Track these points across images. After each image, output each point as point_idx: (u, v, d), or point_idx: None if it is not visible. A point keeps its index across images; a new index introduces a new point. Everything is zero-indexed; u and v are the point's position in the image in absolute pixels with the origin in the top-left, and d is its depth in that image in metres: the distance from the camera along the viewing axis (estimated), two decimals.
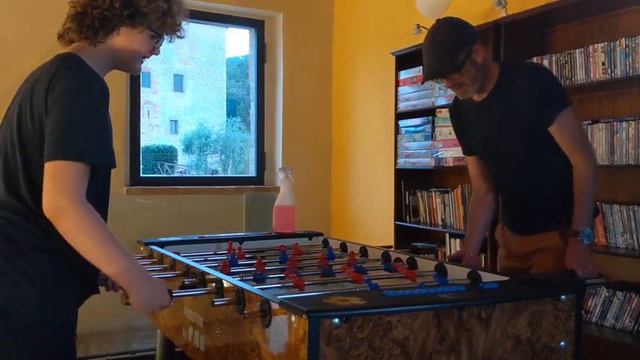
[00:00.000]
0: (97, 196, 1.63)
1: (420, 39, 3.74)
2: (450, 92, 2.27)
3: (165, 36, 1.70)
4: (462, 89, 2.16)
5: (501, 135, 2.20)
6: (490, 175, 2.37)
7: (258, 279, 1.92)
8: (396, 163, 3.93)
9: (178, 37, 1.74)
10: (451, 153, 3.51)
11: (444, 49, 2.07)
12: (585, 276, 1.91)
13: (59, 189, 1.43)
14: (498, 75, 2.17)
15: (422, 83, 2.35)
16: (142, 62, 1.73)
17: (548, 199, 2.20)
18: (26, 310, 1.50)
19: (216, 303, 1.66)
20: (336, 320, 1.35)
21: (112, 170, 1.63)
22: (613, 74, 2.73)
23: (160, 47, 1.73)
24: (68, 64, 1.55)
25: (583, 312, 2.43)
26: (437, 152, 3.61)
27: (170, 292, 1.62)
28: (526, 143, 2.16)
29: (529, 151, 2.17)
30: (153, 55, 1.74)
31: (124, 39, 1.63)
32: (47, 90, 1.50)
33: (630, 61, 2.67)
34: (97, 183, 1.57)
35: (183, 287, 1.93)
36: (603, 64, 2.77)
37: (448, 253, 3.52)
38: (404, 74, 3.87)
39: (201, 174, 21.84)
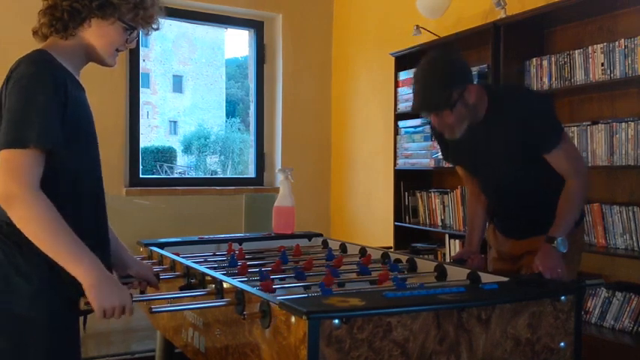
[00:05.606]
0: (92, 200, 1.62)
1: (419, 40, 3.74)
2: None
3: (140, 28, 1.68)
4: (448, 129, 2.10)
5: (491, 162, 2.19)
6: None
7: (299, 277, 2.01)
8: (395, 164, 3.93)
9: (153, 29, 1.72)
10: None
11: (438, 84, 2.02)
12: (552, 278, 1.90)
13: (8, 176, 1.41)
14: (488, 104, 2.12)
15: (411, 112, 2.32)
16: (117, 55, 1.70)
17: (537, 210, 2.20)
18: (21, 305, 1.47)
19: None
20: (336, 321, 1.35)
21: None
22: (612, 75, 2.73)
23: (135, 39, 1.70)
24: (26, 59, 1.53)
25: (583, 313, 2.43)
26: (436, 153, 3.61)
27: (131, 294, 1.53)
28: (518, 169, 2.15)
29: (521, 173, 2.16)
30: (128, 47, 1.71)
31: (95, 31, 1.61)
32: (4, 88, 1.50)
33: (629, 61, 2.67)
34: (84, 184, 1.56)
35: (183, 288, 1.93)
36: (602, 64, 2.77)
37: (448, 254, 3.52)
38: (403, 75, 3.87)
39: (201, 175, 21.80)
